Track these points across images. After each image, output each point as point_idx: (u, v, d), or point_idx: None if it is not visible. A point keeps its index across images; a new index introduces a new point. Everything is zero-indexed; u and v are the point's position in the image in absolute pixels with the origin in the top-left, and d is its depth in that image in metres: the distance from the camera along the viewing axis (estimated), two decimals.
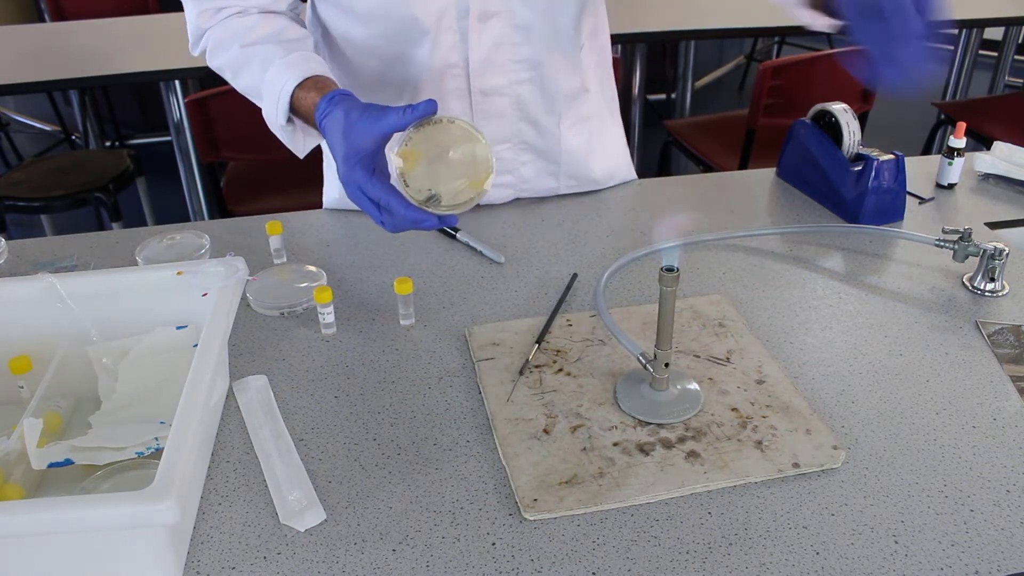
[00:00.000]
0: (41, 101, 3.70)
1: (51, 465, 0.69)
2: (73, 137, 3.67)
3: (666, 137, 2.62)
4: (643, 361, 0.80)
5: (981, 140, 2.47)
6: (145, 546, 0.62)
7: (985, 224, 1.15)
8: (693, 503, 0.70)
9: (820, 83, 2.22)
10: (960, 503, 0.70)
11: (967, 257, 1.00)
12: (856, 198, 1.13)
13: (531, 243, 1.11)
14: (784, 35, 4.34)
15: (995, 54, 3.42)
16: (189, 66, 2.21)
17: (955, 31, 2.91)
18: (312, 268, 1.03)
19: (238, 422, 0.80)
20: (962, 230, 1.00)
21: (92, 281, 0.82)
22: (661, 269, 0.74)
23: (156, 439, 0.71)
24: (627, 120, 2.97)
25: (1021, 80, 4.02)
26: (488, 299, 0.99)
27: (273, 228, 1.05)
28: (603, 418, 0.79)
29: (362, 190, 0.83)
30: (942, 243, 1.01)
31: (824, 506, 0.70)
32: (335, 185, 1.22)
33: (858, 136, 1.16)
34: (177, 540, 0.65)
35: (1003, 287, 0.99)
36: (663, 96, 4.11)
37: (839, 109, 1.16)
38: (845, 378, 0.85)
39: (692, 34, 2.69)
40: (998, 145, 1.29)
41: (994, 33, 3.28)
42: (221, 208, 2.13)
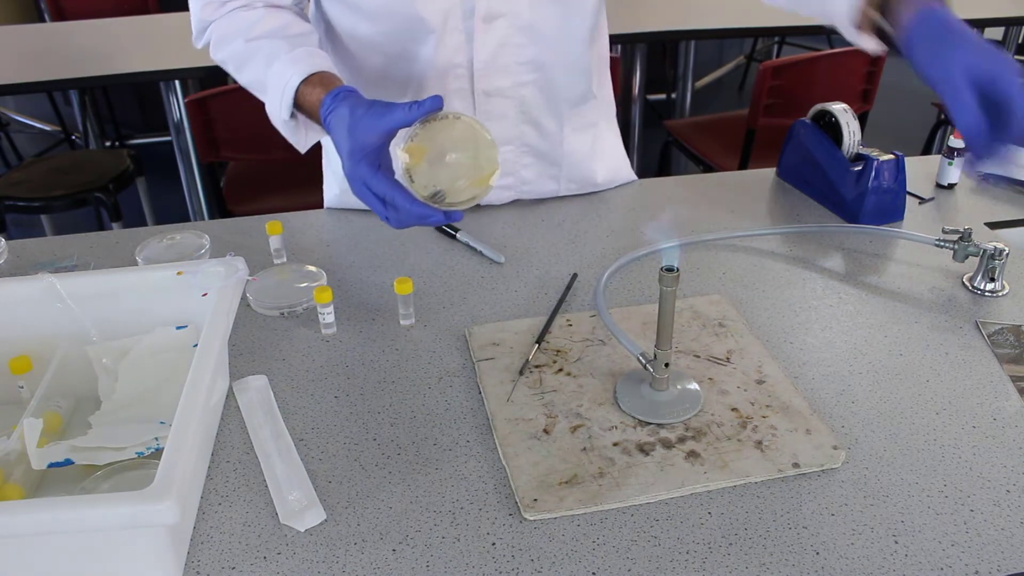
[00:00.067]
0: (41, 101, 3.70)
1: (51, 465, 0.69)
2: (73, 137, 3.67)
3: (666, 137, 2.62)
4: (643, 361, 0.80)
5: None
6: (145, 546, 0.62)
7: (985, 224, 1.15)
8: (693, 503, 0.70)
9: (820, 83, 2.22)
10: (960, 503, 0.70)
11: (967, 257, 1.00)
12: (856, 198, 1.13)
13: (531, 243, 1.11)
14: (784, 35, 4.34)
15: None
16: (189, 66, 2.21)
17: None
18: (312, 268, 1.03)
19: (238, 422, 0.80)
20: (962, 230, 1.00)
21: (92, 281, 0.82)
22: (661, 269, 0.74)
23: (156, 439, 0.71)
24: (627, 120, 2.99)
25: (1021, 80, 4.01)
26: (488, 299, 0.99)
27: (273, 228, 1.05)
28: (603, 418, 0.79)
29: (367, 186, 0.83)
30: (942, 243, 1.01)
31: (824, 506, 0.70)
32: (335, 183, 1.22)
33: (858, 136, 1.16)
34: (177, 540, 0.65)
35: (1003, 287, 0.99)
36: (663, 96, 4.11)
37: (839, 109, 1.16)
38: (845, 378, 0.85)
39: (692, 34, 2.69)
40: None
41: (994, 33, 3.28)
42: (221, 208, 2.13)
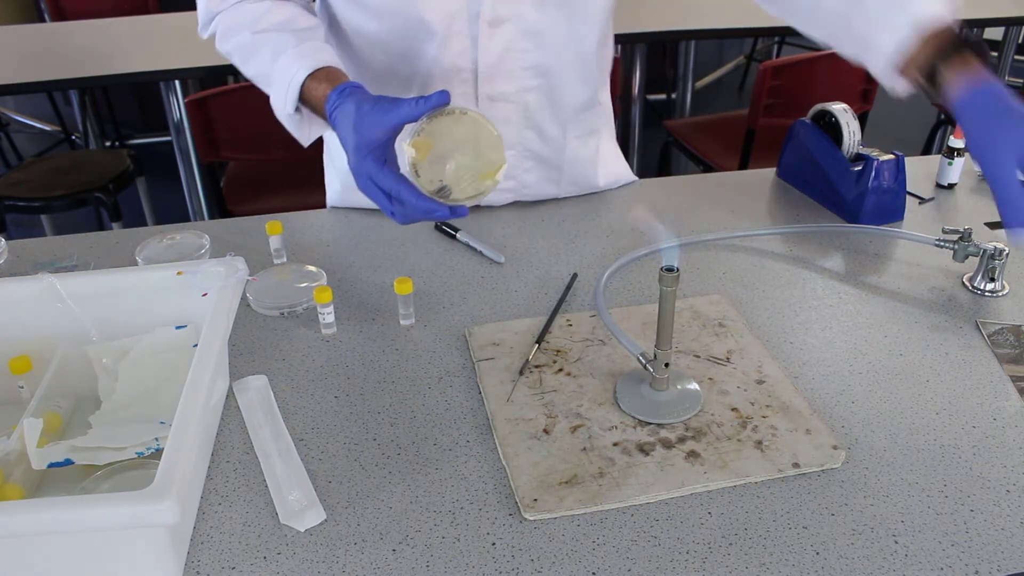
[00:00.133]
0: (41, 101, 3.70)
1: (51, 465, 0.69)
2: (73, 137, 3.67)
3: (666, 137, 2.62)
4: (643, 361, 0.80)
5: None
6: (145, 546, 0.62)
7: (985, 224, 1.15)
8: (693, 503, 0.70)
9: (820, 83, 2.22)
10: (960, 503, 0.70)
11: (967, 257, 1.00)
12: (856, 198, 1.13)
13: (531, 243, 1.11)
14: (784, 35, 4.34)
15: (995, 54, 3.42)
16: (189, 66, 2.21)
17: None
18: (312, 268, 1.03)
19: (238, 422, 0.80)
20: (962, 230, 1.00)
21: (92, 281, 0.82)
22: (661, 269, 0.74)
23: (156, 439, 0.71)
24: (627, 120, 2.99)
25: (1021, 80, 4.01)
26: (488, 299, 0.99)
27: (273, 228, 1.05)
28: (603, 418, 0.79)
29: (374, 180, 0.82)
30: (942, 243, 1.01)
31: (824, 506, 0.70)
32: (337, 179, 1.22)
33: (858, 136, 1.16)
34: (177, 540, 0.65)
35: (1003, 287, 0.99)
36: (663, 96, 4.11)
37: (839, 109, 1.16)
38: (845, 378, 0.85)
39: (692, 34, 2.69)
40: None
41: (994, 33, 3.28)
42: (221, 208, 2.13)
